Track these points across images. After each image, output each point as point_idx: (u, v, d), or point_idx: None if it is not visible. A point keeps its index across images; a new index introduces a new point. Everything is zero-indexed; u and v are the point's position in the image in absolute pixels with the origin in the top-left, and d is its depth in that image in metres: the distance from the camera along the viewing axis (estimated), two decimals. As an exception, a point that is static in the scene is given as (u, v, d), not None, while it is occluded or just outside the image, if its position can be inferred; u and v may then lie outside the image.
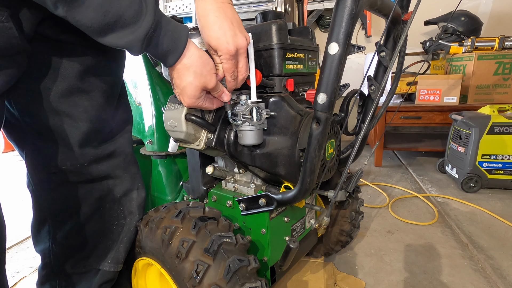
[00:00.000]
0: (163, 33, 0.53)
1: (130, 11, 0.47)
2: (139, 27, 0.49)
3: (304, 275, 1.10)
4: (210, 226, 0.70)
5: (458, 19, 2.28)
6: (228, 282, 0.62)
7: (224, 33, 0.57)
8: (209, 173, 0.83)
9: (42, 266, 0.78)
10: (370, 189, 1.89)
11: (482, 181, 1.75)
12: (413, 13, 0.57)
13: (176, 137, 0.77)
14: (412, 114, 2.12)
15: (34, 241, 0.79)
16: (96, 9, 0.44)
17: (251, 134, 0.69)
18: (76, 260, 0.75)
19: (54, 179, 0.69)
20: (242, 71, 0.63)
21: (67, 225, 0.73)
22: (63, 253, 0.74)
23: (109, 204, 0.75)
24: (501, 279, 1.06)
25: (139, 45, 0.50)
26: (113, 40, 0.49)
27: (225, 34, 0.57)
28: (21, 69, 0.54)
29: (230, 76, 0.63)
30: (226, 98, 0.67)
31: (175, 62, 0.57)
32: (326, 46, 0.52)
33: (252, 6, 2.38)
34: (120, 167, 0.76)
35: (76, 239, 0.74)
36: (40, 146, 0.67)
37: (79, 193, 0.71)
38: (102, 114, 0.69)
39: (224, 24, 0.57)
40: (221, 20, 0.57)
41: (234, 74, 0.63)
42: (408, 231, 1.39)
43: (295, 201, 0.69)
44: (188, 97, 0.61)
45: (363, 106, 0.84)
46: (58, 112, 0.64)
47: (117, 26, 0.47)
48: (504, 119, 1.67)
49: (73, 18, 0.45)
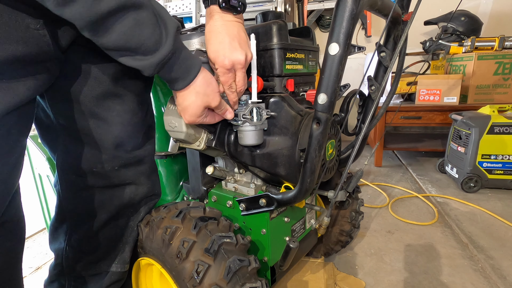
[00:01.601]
0: (178, 61, 0.55)
1: (151, 41, 0.49)
2: (156, 55, 0.51)
3: (304, 275, 1.10)
4: (211, 226, 0.70)
5: (458, 19, 2.28)
6: (229, 282, 0.62)
7: (223, 47, 0.59)
8: (209, 173, 0.83)
9: (53, 265, 0.79)
10: (370, 189, 1.89)
11: (482, 181, 1.75)
12: (413, 13, 0.57)
13: (176, 137, 0.77)
14: (412, 114, 2.12)
15: (50, 239, 0.80)
16: (119, 36, 0.46)
17: (251, 135, 0.69)
18: (87, 263, 0.76)
19: (80, 183, 0.71)
20: (239, 85, 0.64)
21: (83, 229, 0.74)
22: (75, 257, 0.76)
23: (126, 210, 0.77)
24: (501, 279, 1.06)
25: (152, 70, 0.52)
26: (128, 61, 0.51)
27: (223, 49, 0.59)
28: (52, 76, 0.56)
29: (227, 88, 0.64)
30: (229, 116, 0.67)
31: (182, 88, 0.59)
32: (327, 46, 0.52)
33: (252, 6, 2.38)
34: (144, 174, 0.77)
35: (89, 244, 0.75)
36: (72, 148, 0.69)
37: (100, 198, 0.73)
38: (134, 118, 0.71)
39: (225, 39, 0.59)
40: (223, 36, 0.59)
41: (232, 87, 0.64)
42: (408, 231, 1.39)
43: (295, 201, 0.70)
44: (190, 115, 0.63)
45: (363, 106, 0.84)
46: (92, 115, 0.65)
47: (136, 52, 0.49)
48: (504, 119, 1.67)
49: (97, 41, 0.47)
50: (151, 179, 0.79)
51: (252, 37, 0.66)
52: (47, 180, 1.13)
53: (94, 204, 0.72)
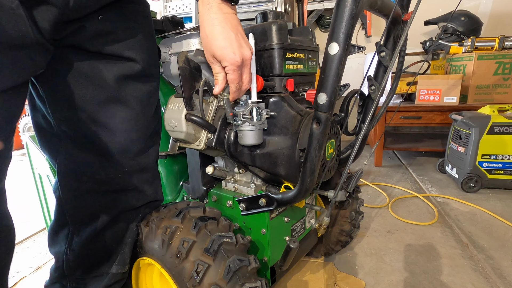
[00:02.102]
0: None
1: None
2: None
3: (304, 275, 1.10)
4: (210, 226, 0.70)
5: (458, 19, 2.28)
6: (228, 282, 0.62)
7: (230, 43, 0.56)
8: (209, 173, 0.83)
9: (54, 268, 0.78)
10: (370, 189, 1.89)
11: (482, 181, 1.75)
12: (413, 13, 0.57)
13: (176, 137, 0.77)
14: (412, 114, 2.12)
15: (49, 242, 0.79)
16: None
17: (251, 134, 0.69)
18: (88, 266, 0.75)
19: (82, 188, 0.69)
20: (245, 82, 0.63)
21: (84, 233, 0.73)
22: (76, 260, 0.75)
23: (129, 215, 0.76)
24: (501, 279, 1.06)
25: None
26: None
27: (231, 45, 0.56)
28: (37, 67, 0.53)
29: (235, 86, 0.62)
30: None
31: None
32: (326, 46, 0.52)
33: (252, 6, 2.38)
34: (147, 181, 0.75)
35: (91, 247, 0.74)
36: (75, 155, 0.67)
37: (103, 202, 0.71)
38: (138, 124, 0.69)
39: (230, 35, 0.56)
40: (227, 31, 0.56)
41: (239, 84, 0.62)
42: (408, 231, 1.39)
43: (295, 201, 0.70)
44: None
45: (363, 106, 0.84)
46: (95, 122, 0.64)
47: None
48: (504, 119, 1.67)
49: None
50: (153, 185, 0.78)
51: (250, 36, 0.66)
52: (47, 180, 1.13)
53: (97, 208, 0.71)
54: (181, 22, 0.96)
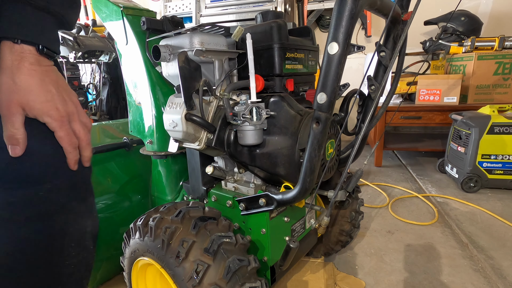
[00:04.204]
0: None
1: None
2: None
3: (304, 275, 1.10)
4: (210, 226, 0.70)
5: (458, 19, 2.28)
6: (228, 282, 0.62)
7: (52, 97, 0.48)
8: (209, 173, 0.83)
9: None
10: (370, 189, 1.89)
11: (482, 181, 1.75)
12: (413, 13, 0.57)
13: (176, 137, 0.77)
14: (412, 114, 2.12)
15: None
16: None
17: (251, 134, 0.69)
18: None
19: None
20: (82, 135, 0.52)
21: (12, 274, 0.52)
22: None
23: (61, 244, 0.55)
24: (501, 279, 1.06)
25: None
26: None
27: (53, 99, 0.48)
28: None
29: (70, 145, 0.51)
30: None
31: None
32: (326, 46, 0.52)
33: (252, 6, 2.38)
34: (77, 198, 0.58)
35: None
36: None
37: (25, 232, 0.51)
38: None
39: (51, 89, 0.48)
40: (47, 84, 0.48)
41: (73, 141, 0.51)
42: (408, 231, 1.39)
43: (295, 201, 0.69)
44: None
45: (363, 106, 0.84)
46: None
47: None
48: (504, 119, 1.67)
49: None
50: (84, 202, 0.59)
51: (248, 37, 0.66)
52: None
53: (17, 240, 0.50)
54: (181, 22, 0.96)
